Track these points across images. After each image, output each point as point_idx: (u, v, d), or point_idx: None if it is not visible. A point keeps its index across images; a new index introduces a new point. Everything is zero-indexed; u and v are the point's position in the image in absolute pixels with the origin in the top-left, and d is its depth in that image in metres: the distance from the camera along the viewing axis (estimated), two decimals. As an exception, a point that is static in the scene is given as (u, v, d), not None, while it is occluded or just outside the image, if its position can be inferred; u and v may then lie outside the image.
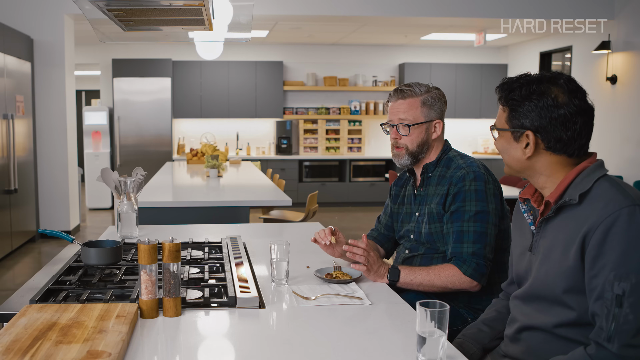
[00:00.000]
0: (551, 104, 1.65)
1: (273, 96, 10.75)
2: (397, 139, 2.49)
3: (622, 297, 1.50)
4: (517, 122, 1.71)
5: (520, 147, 1.72)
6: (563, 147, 1.67)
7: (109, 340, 1.55)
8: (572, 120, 1.65)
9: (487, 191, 2.35)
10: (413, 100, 2.45)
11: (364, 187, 10.73)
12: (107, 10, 2.44)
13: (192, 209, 4.54)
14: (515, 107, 1.70)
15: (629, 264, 1.51)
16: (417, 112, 2.45)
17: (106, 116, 10.26)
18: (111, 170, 3.02)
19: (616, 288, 1.51)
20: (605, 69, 8.23)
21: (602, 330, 1.52)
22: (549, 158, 1.70)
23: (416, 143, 2.46)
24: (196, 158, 8.32)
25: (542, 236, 1.73)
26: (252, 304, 1.95)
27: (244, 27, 3.56)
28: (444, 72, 10.96)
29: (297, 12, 7.57)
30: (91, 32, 2.96)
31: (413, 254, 2.51)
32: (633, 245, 1.51)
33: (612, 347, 1.50)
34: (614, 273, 1.52)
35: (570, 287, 1.63)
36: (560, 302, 1.66)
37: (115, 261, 2.30)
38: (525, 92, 1.68)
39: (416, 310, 1.52)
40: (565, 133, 1.66)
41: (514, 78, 1.74)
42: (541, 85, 1.67)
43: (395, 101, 2.49)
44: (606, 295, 1.52)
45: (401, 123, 2.46)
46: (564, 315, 1.66)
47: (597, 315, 1.55)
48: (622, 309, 1.50)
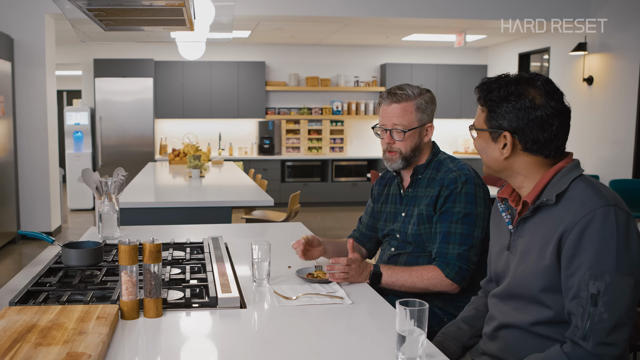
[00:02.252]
0: (529, 106, 1.66)
1: (255, 96, 10.74)
2: (390, 144, 2.47)
3: (597, 297, 1.52)
4: (495, 122, 1.72)
5: (498, 148, 1.74)
6: (540, 148, 1.69)
7: (89, 341, 1.54)
8: (548, 122, 1.67)
9: (477, 194, 2.36)
10: (407, 104, 2.43)
11: (346, 187, 10.75)
12: (87, 10, 2.43)
13: (174, 209, 4.53)
14: (494, 108, 1.71)
15: (603, 264, 1.53)
16: (412, 117, 2.43)
17: (88, 116, 10.18)
18: (92, 171, 3.01)
19: (591, 287, 1.53)
20: (582, 70, 8.36)
21: (577, 328, 1.54)
22: (526, 159, 1.72)
23: (410, 148, 2.45)
24: (178, 158, 8.29)
25: (519, 235, 1.76)
26: (233, 304, 1.95)
27: (225, 28, 3.55)
28: (425, 72, 11.01)
29: (279, 13, 7.57)
30: (72, 32, 2.94)
31: (399, 252, 2.52)
32: (607, 245, 1.54)
33: (587, 345, 1.53)
34: (590, 273, 1.54)
35: (546, 286, 1.65)
36: (537, 300, 1.68)
37: (96, 262, 2.29)
38: (503, 93, 1.69)
39: (396, 309, 1.53)
40: (542, 134, 1.68)
41: (492, 78, 1.75)
42: (519, 87, 1.69)
43: (388, 105, 2.46)
44: (582, 295, 1.54)
45: (395, 128, 2.44)
46: (540, 314, 1.69)
47: (572, 314, 1.57)
48: (597, 308, 1.52)
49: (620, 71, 7.70)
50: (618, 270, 1.53)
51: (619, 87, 7.72)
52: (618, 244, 1.54)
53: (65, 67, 11.96)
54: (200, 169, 6.45)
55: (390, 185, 2.66)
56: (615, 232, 1.54)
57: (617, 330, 1.53)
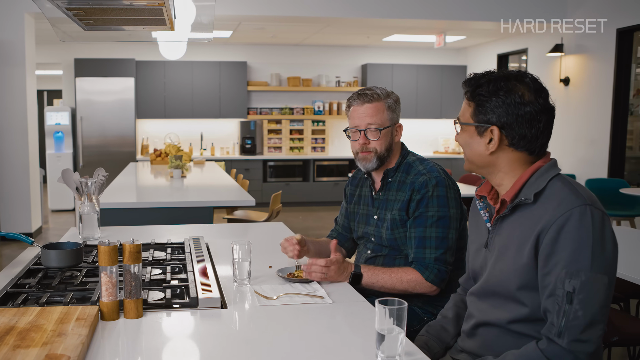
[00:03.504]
0: (518, 101, 1.67)
1: (237, 96, 10.72)
2: (365, 144, 2.47)
3: (573, 294, 1.54)
4: (483, 117, 1.72)
5: (484, 142, 1.74)
6: (526, 144, 1.70)
7: (68, 343, 1.54)
8: (537, 118, 1.68)
9: (449, 196, 2.37)
10: (379, 104, 2.45)
11: (328, 186, 10.76)
12: (67, 9, 2.41)
13: (155, 209, 4.51)
14: (482, 102, 1.71)
15: (579, 262, 1.55)
16: (384, 115, 2.45)
17: (68, 116, 10.10)
18: (72, 171, 2.99)
19: (567, 285, 1.55)
20: (558, 70, 8.48)
21: (553, 325, 1.56)
22: (511, 155, 1.73)
23: (384, 147, 2.46)
24: (160, 158, 8.25)
25: (497, 233, 1.77)
26: (213, 304, 1.95)
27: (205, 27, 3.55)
28: (405, 72, 11.07)
29: (261, 13, 7.56)
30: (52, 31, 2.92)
31: (376, 254, 2.54)
32: (584, 244, 1.56)
33: (562, 342, 1.55)
34: (565, 271, 1.56)
35: (523, 284, 1.67)
36: (514, 298, 1.70)
37: (76, 263, 2.28)
38: (493, 88, 1.69)
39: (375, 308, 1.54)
40: (530, 130, 1.69)
41: (480, 74, 1.75)
42: (509, 83, 1.69)
43: (360, 105, 2.47)
44: (557, 292, 1.56)
45: (369, 128, 2.45)
46: (517, 312, 1.70)
47: (548, 311, 1.59)
48: (572, 306, 1.54)
49: (596, 72, 7.82)
50: (593, 269, 1.55)
51: (595, 88, 7.83)
52: (593, 243, 1.56)
53: (45, 67, 11.86)
54: (182, 169, 6.43)
55: (362, 186, 2.67)
56: (590, 231, 1.56)
57: (592, 328, 1.55)
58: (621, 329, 2.92)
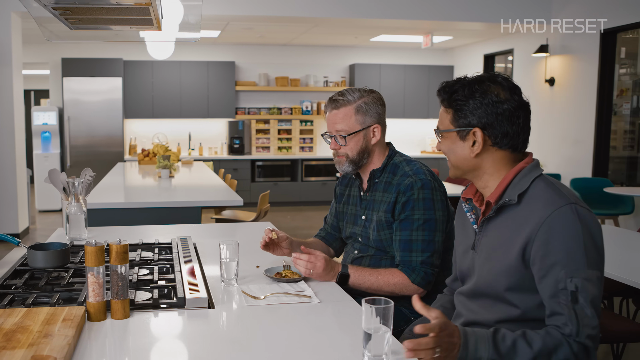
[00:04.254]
0: (495, 100, 1.70)
1: (225, 96, 10.70)
2: (337, 149, 2.48)
3: (577, 293, 1.57)
4: (464, 121, 1.74)
5: (468, 146, 1.75)
6: (509, 141, 1.73)
7: (54, 344, 1.53)
8: (515, 114, 1.71)
9: (435, 198, 2.37)
10: (346, 109, 2.43)
11: (316, 186, 10.77)
12: (53, 8, 2.40)
13: (143, 209, 4.50)
14: (460, 106, 1.73)
15: (576, 261, 1.58)
16: (352, 120, 2.43)
17: (56, 116, 10.04)
18: (59, 171, 2.98)
19: (569, 285, 1.57)
20: (544, 71, 8.56)
21: (567, 326, 1.58)
22: (495, 154, 1.75)
23: (356, 151, 2.45)
24: (148, 158, 8.23)
25: (484, 235, 1.79)
26: (201, 304, 1.95)
27: (193, 27, 3.55)
28: (393, 72, 11.10)
29: (249, 13, 7.55)
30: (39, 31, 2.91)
31: (362, 254, 2.55)
32: (576, 242, 1.59)
33: (580, 339, 1.58)
34: (565, 271, 1.58)
35: (512, 285, 1.68)
36: (503, 299, 1.72)
37: (62, 264, 2.27)
38: (468, 91, 1.72)
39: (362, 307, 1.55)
40: (511, 127, 1.71)
41: (452, 81, 1.78)
42: (482, 85, 1.72)
43: (330, 111, 2.47)
44: (561, 293, 1.59)
45: (338, 134, 2.45)
46: (506, 312, 1.72)
47: (557, 312, 1.60)
48: (578, 304, 1.57)
49: (580, 73, 7.89)
50: (588, 265, 1.58)
51: (579, 88, 7.91)
52: (584, 240, 1.59)
53: (32, 67, 11.79)
54: (170, 169, 6.41)
55: (352, 186, 2.67)
56: (580, 228, 1.59)
57: (598, 322, 1.59)
58: (605, 327, 2.95)
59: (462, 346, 1.54)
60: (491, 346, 1.55)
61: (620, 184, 7.57)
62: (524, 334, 1.59)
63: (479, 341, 1.55)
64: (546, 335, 1.58)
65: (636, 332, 3.07)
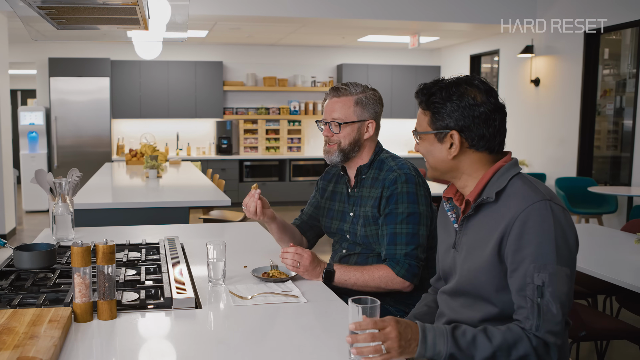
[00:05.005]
0: (472, 103, 1.71)
1: (213, 96, 10.69)
2: (329, 136, 2.52)
3: (543, 288, 1.59)
4: (441, 123, 1.75)
5: (445, 148, 1.77)
6: (486, 143, 1.75)
7: (40, 345, 1.53)
8: (492, 117, 1.73)
9: (418, 193, 2.40)
10: (347, 99, 2.49)
11: (304, 186, 10.78)
12: (39, 8, 2.39)
13: (130, 210, 4.49)
14: (438, 109, 1.75)
15: (545, 256, 1.60)
16: (350, 110, 2.48)
17: (43, 116, 9.99)
18: (45, 172, 2.97)
19: (536, 279, 1.59)
20: (529, 71, 8.62)
21: (528, 319, 1.60)
22: (472, 156, 1.77)
23: (348, 141, 2.49)
24: (135, 159, 8.20)
25: (464, 234, 1.80)
26: (188, 304, 1.96)
27: (180, 27, 3.54)
28: (380, 73, 11.14)
29: (236, 13, 7.55)
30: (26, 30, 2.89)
31: (350, 252, 2.56)
32: (547, 238, 1.60)
33: (539, 334, 1.59)
34: (534, 265, 1.60)
35: (490, 283, 1.70)
36: (483, 298, 1.73)
37: (49, 265, 2.27)
38: (445, 94, 1.74)
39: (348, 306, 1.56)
40: (487, 130, 1.73)
41: (430, 83, 1.80)
42: (460, 87, 1.74)
43: (330, 99, 2.53)
44: (528, 287, 1.60)
45: (334, 121, 2.49)
46: (487, 311, 1.73)
47: (521, 306, 1.62)
48: (543, 299, 1.59)
49: (565, 73, 7.97)
50: (558, 261, 1.60)
51: (564, 89, 7.98)
52: (556, 236, 1.61)
53: (19, 66, 11.73)
54: (158, 170, 6.40)
55: (336, 182, 2.69)
56: (552, 224, 1.61)
57: (562, 319, 1.60)
58: (589, 324, 2.98)
59: (420, 341, 1.55)
60: (450, 340, 1.56)
61: (604, 183, 7.64)
62: (485, 330, 1.61)
63: (437, 336, 1.56)
64: (507, 330, 1.60)
65: (620, 329, 3.11)
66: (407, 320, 1.57)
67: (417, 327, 1.56)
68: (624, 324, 3.14)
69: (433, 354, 1.56)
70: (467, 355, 1.57)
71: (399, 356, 1.52)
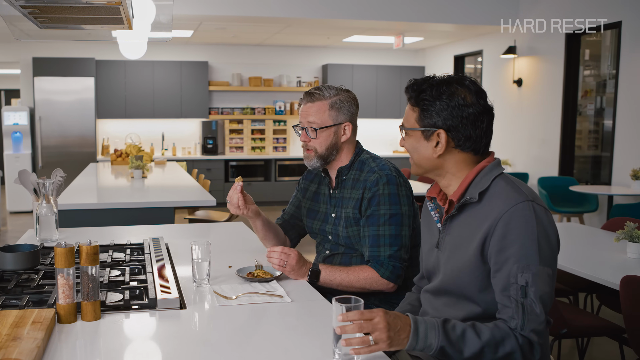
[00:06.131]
0: (462, 104, 1.72)
1: (198, 96, 10.67)
2: (306, 142, 2.52)
3: (526, 288, 1.61)
4: (429, 121, 1.75)
5: (431, 146, 1.77)
6: (472, 144, 1.75)
7: (23, 347, 1.52)
8: (480, 119, 1.73)
9: (400, 194, 2.40)
10: (321, 103, 2.47)
11: (289, 186, 10.78)
12: (21, 7, 2.38)
13: (115, 210, 4.48)
14: (427, 107, 1.75)
15: (529, 256, 1.61)
16: (325, 115, 2.47)
17: (27, 116, 9.91)
18: (29, 172, 2.96)
19: (520, 279, 1.61)
20: (512, 72, 8.70)
21: (513, 319, 1.62)
22: (457, 156, 1.78)
23: (325, 146, 2.49)
24: (120, 159, 8.17)
25: (447, 233, 1.82)
26: (172, 305, 1.96)
27: (164, 27, 3.54)
28: (365, 73, 11.16)
29: (222, 13, 7.54)
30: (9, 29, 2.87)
31: (333, 253, 2.57)
32: (530, 238, 1.62)
33: (524, 332, 1.61)
34: (517, 265, 1.61)
35: (473, 282, 1.72)
36: (466, 297, 1.75)
37: (32, 266, 2.26)
38: (436, 92, 1.73)
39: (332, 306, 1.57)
40: (474, 131, 1.74)
41: (421, 79, 1.79)
42: (450, 87, 1.73)
43: (305, 104, 2.51)
44: (512, 287, 1.62)
45: (310, 126, 2.49)
46: (470, 310, 1.75)
47: (506, 306, 1.64)
48: (527, 299, 1.60)
49: (547, 74, 8.05)
50: (541, 262, 1.62)
51: (546, 89, 8.06)
52: (539, 237, 1.62)
53: (2, 66, 11.64)
54: (143, 170, 6.38)
55: (320, 183, 2.69)
56: (535, 225, 1.63)
57: (544, 317, 1.63)
58: (570, 322, 3.02)
59: (412, 333, 1.56)
60: (441, 333, 1.57)
61: (585, 182, 7.72)
62: (473, 325, 1.62)
63: (429, 329, 1.57)
64: (494, 327, 1.62)
65: (600, 326, 3.15)
66: (396, 312, 1.58)
67: (407, 319, 1.57)
68: (604, 321, 3.18)
69: (424, 346, 1.57)
70: (457, 349, 1.58)
71: (388, 347, 1.53)
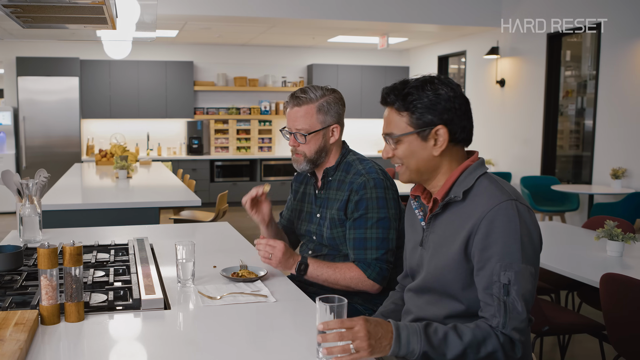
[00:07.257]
0: (451, 96, 1.73)
1: (184, 96, 10.64)
2: (295, 147, 2.49)
3: (509, 286, 1.62)
4: (424, 120, 1.74)
5: (429, 146, 1.76)
6: (467, 135, 1.78)
7: (5, 349, 1.52)
8: (467, 109, 1.77)
9: (387, 197, 2.40)
10: (308, 107, 2.43)
11: (275, 186, 10.78)
12: (3, 6, 2.36)
13: (100, 211, 4.46)
14: (418, 108, 1.74)
15: (511, 255, 1.63)
16: (313, 119, 2.43)
17: (10, 116, 9.83)
18: (12, 172, 2.94)
19: (502, 277, 1.63)
20: (495, 72, 8.78)
21: (495, 317, 1.64)
22: (452, 150, 1.79)
23: (314, 150, 2.47)
24: (105, 159, 8.14)
25: (431, 231, 1.83)
26: (157, 305, 1.96)
27: (148, 27, 3.54)
28: (350, 73, 11.20)
29: (207, 13, 7.53)
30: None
31: (317, 253, 2.57)
32: (513, 237, 1.64)
33: (506, 331, 1.63)
34: (500, 264, 1.63)
35: (457, 280, 1.73)
36: (449, 294, 1.77)
37: (15, 267, 2.25)
38: (422, 92, 1.74)
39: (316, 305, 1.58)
40: (467, 122, 1.77)
41: (399, 85, 1.78)
42: (433, 84, 1.74)
43: (291, 108, 2.47)
44: (494, 285, 1.64)
45: (298, 132, 2.46)
46: (452, 307, 1.77)
47: (488, 304, 1.65)
48: (509, 297, 1.62)
49: (529, 74, 8.13)
50: (523, 260, 1.64)
51: (528, 89, 8.14)
52: (522, 235, 1.64)
53: (-16, 66, 11.53)
54: (128, 170, 6.36)
55: (307, 184, 2.69)
56: (518, 224, 1.64)
57: (526, 316, 1.65)
58: (552, 319, 3.05)
59: (394, 340, 1.56)
60: (423, 339, 1.58)
61: (566, 181, 7.79)
62: (455, 327, 1.63)
63: (411, 334, 1.58)
64: (476, 328, 1.63)
65: (581, 323, 3.18)
66: (377, 319, 1.58)
67: (389, 326, 1.57)
68: (585, 319, 3.21)
69: (407, 352, 1.58)
70: (439, 353, 1.59)
71: (370, 355, 1.53)
